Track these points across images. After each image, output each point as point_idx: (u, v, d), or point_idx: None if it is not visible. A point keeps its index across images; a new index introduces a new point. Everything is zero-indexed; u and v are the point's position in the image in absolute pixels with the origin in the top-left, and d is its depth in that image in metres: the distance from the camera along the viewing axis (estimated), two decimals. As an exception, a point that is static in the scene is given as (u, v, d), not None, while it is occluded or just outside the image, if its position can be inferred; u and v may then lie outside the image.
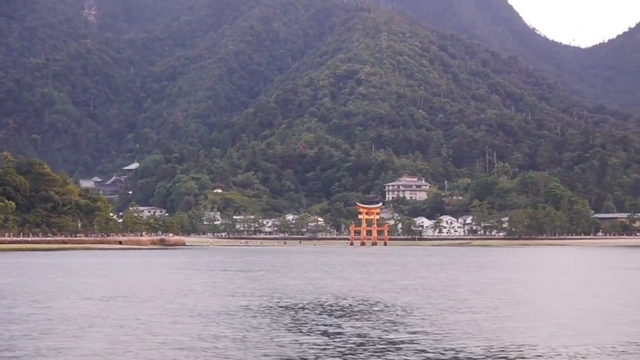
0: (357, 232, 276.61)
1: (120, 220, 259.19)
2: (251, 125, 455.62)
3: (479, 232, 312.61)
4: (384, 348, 35.73)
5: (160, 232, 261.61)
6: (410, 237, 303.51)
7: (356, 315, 48.22)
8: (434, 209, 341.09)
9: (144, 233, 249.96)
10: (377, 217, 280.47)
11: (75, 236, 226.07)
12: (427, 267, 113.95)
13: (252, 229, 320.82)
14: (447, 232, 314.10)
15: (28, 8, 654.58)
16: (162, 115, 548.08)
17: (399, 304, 54.51)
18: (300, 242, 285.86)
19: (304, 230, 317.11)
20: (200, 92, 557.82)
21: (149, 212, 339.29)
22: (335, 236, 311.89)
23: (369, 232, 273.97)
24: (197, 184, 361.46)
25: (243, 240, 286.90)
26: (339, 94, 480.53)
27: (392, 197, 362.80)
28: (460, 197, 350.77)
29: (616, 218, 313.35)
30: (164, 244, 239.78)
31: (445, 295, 62.87)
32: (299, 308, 51.74)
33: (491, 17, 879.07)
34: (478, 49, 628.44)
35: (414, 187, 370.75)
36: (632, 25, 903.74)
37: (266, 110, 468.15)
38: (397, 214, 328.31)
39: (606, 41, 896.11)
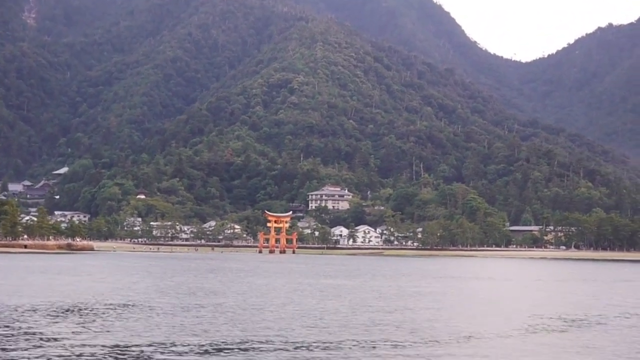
0: (268, 240, 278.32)
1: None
2: (182, 132, 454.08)
3: (395, 243, 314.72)
4: (37, 342, 38.02)
5: (76, 237, 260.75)
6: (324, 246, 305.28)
7: (70, 315, 50.20)
8: (355, 219, 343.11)
9: (51, 237, 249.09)
10: (287, 225, 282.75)
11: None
12: (279, 273, 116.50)
13: (170, 235, 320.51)
14: (362, 242, 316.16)
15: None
16: (97, 120, 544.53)
17: (139, 305, 56.70)
18: (212, 249, 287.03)
19: (221, 237, 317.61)
20: (136, 97, 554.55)
21: (72, 216, 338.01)
22: (250, 244, 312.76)
23: (278, 240, 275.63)
24: (120, 190, 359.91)
25: (154, 246, 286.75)
26: (271, 103, 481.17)
27: (315, 206, 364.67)
28: (382, 208, 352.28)
29: (530, 231, 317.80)
30: (71, 248, 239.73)
31: (214, 298, 65.17)
32: (36, 309, 53.61)
33: (434, 30, 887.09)
34: (415, 61, 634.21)
35: (337, 196, 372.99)
36: (571, 41, 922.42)
37: (198, 118, 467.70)
38: (314, 223, 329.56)
39: (546, 56, 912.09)
